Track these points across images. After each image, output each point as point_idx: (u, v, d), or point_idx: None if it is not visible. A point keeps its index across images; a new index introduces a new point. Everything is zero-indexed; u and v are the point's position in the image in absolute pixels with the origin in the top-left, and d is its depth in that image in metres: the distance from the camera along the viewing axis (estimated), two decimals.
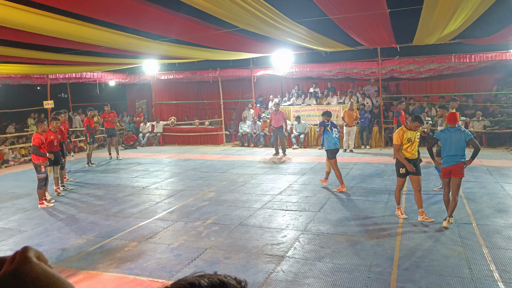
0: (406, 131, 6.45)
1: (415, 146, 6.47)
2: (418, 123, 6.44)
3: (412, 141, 6.42)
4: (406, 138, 6.40)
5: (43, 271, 0.67)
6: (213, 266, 4.94)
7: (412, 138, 6.42)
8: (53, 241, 6.05)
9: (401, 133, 6.45)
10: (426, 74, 15.18)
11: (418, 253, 5.13)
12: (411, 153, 6.44)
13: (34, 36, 8.03)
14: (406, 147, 6.42)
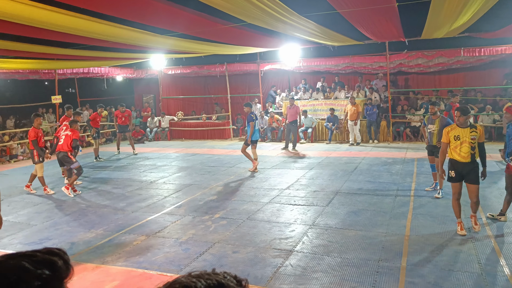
0: (454, 128, 5.69)
1: (466, 146, 5.54)
2: (463, 116, 5.61)
3: (461, 140, 5.58)
4: (453, 135, 5.64)
5: None
6: (221, 260, 4.96)
7: (461, 136, 5.57)
8: (62, 234, 6.10)
9: (448, 130, 5.76)
10: (434, 68, 15.04)
11: (427, 248, 5.10)
12: (460, 154, 5.58)
13: (41, 31, 8.06)
14: (454, 147, 5.66)
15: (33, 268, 0.76)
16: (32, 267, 0.76)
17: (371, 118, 14.49)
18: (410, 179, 8.78)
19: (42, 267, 0.77)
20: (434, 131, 7.38)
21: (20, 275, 0.75)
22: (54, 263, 0.80)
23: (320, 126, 15.77)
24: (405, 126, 14.75)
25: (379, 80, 16.07)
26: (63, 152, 8.49)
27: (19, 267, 0.76)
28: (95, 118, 12.87)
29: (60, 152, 8.52)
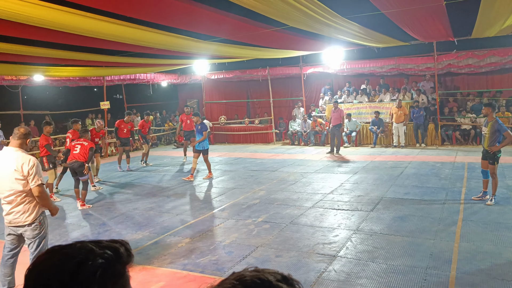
0: None
1: None
2: None
3: None
4: None
5: None
6: (264, 264, 4.95)
7: None
8: (111, 235, 6.30)
9: None
10: (486, 68, 14.38)
11: (479, 256, 4.87)
12: None
13: (91, 39, 8.40)
14: None
15: (97, 249, 0.85)
16: (96, 248, 0.85)
17: (418, 121, 14.06)
18: (460, 184, 8.43)
19: (105, 249, 0.86)
20: (486, 134, 7.03)
21: (86, 255, 0.83)
22: (117, 248, 0.88)
23: (365, 130, 15.48)
24: (455, 129, 14.20)
25: (427, 82, 15.57)
26: (79, 162, 8.10)
27: (85, 248, 0.85)
28: (143, 126, 12.85)
29: (77, 161, 8.10)
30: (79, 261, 0.81)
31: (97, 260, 0.82)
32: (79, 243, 0.88)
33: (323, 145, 15.43)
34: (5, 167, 4.08)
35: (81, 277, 0.80)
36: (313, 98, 18.51)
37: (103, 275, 0.82)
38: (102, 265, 0.82)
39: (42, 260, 0.85)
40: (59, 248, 0.86)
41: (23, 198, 4.13)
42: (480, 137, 13.64)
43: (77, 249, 0.85)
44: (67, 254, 0.84)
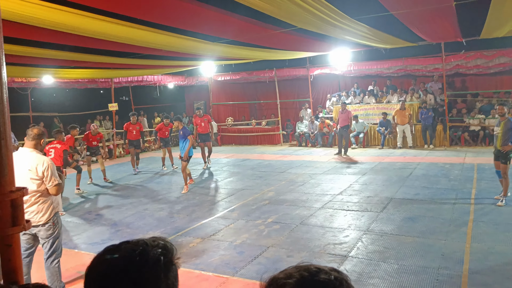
0: None
1: None
2: None
3: None
4: None
5: None
6: (276, 264, 4.97)
7: None
8: (123, 236, 6.35)
9: None
10: (495, 68, 14.29)
11: (491, 257, 4.86)
12: None
13: (100, 41, 8.48)
14: None
15: (151, 242, 0.95)
16: (150, 242, 0.95)
17: (427, 122, 14.02)
18: (470, 185, 8.40)
19: (158, 242, 0.96)
20: (498, 133, 6.98)
21: (144, 247, 0.92)
22: (165, 242, 0.97)
23: (372, 131, 15.46)
24: (463, 130, 14.14)
25: (435, 83, 15.52)
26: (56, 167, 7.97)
27: (141, 242, 0.94)
28: (161, 129, 12.51)
29: None
30: (142, 251, 0.91)
31: (156, 250, 0.92)
32: (127, 242, 0.96)
33: (331, 146, 15.42)
34: (20, 168, 4.14)
35: (149, 264, 0.90)
36: (320, 99, 18.51)
37: (164, 262, 0.92)
38: (161, 254, 0.92)
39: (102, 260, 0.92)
40: (117, 245, 0.95)
41: (38, 198, 4.17)
42: (489, 138, 13.61)
43: (134, 243, 0.94)
44: (128, 248, 0.92)
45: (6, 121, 1.33)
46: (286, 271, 0.88)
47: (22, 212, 1.37)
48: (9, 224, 1.30)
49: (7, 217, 1.30)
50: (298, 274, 0.85)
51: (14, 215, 1.32)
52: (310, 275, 0.84)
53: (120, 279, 0.87)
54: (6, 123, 1.33)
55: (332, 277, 0.85)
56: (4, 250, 1.28)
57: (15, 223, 1.32)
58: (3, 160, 1.29)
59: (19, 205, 1.35)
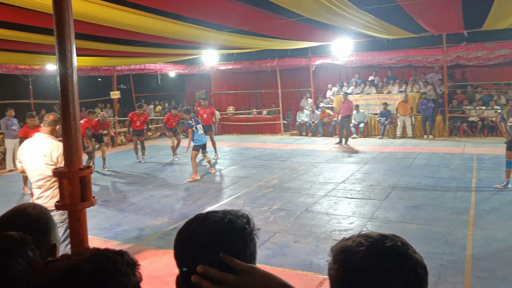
0: None
1: None
2: None
3: None
4: None
5: None
6: (284, 249, 5.09)
7: None
8: (131, 221, 6.46)
9: None
10: (495, 60, 14.36)
11: (494, 244, 5.00)
12: None
13: (104, 28, 8.48)
14: None
15: (235, 212, 1.02)
16: (235, 212, 1.03)
17: (427, 113, 14.14)
18: (470, 175, 8.53)
19: (241, 213, 1.03)
20: None
21: (231, 217, 0.99)
22: (246, 213, 1.05)
23: (373, 121, 15.57)
24: (462, 121, 14.27)
25: (435, 74, 15.60)
26: None
27: (227, 212, 1.01)
28: (169, 119, 12.60)
29: None
30: (230, 220, 0.98)
31: (241, 219, 1.00)
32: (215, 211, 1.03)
33: (331, 136, 15.53)
34: (36, 153, 4.22)
35: (237, 231, 0.97)
36: (321, 89, 18.56)
37: (249, 231, 1.00)
38: (246, 223, 1.00)
39: (196, 224, 1.00)
40: (204, 214, 1.02)
41: (52, 183, 4.25)
42: (487, 129, 13.75)
43: (222, 212, 1.01)
44: (216, 216, 0.99)
45: (76, 102, 1.42)
46: (353, 239, 0.95)
47: (90, 189, 1.46)
48: (78, 199, 1.39)
49: (77, 193, 1.39)
50: (367, 241, 0.92)
51: (83, 191, 1.41)
52: (378, 242, 0.92)
53: (210, 243, 0.95)
54: (76, 104, 1.41)
55: (399, 243, 0.94)
56: (74, 223, 1.38)
57: (84, 199, 1.41)
58: (73, 140, 1.38)
59: (87, 182, 1.44)
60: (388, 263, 0.89)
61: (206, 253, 0.94)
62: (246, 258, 0.97)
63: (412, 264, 0.91)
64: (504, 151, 7.43)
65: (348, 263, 0.91)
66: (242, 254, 0.97)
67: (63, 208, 1.54)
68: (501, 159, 9.56)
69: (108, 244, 5.57)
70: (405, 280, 0.88)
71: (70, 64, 1.49)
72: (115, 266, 0.83)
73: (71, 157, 1.40)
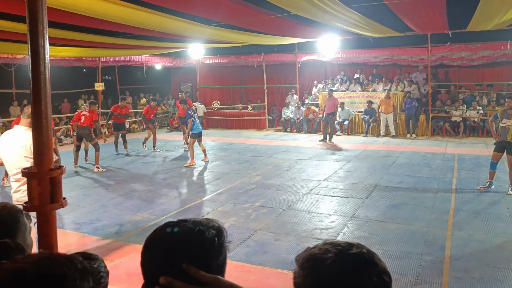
0: None
1: None
2: None
3: None
4: None
5: None
6: (264, 247, 5.09)
7: None
8: (111, 216, 6.38)
9: None
10: (478, 61, 14.57)
11: (471, 244, 5.07)
12: None
13: (89, 19, 8.33)
14: None
15: (206, 222, 1.01)
16: (206, 222, 1.01)
17: (410, 112, 14.27)
18: (451, 175, 8.64)
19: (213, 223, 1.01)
20: (509, 126, 7.07)
21: (201, 227, 0.98)
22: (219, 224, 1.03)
23: (357, 119, 15.66)
24: (445, 121, 14.44)
25: (419, 73, 15.76)
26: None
27: (198, 222, 0.99)
28: (148, 112, 12.66)
29: None
30: (199, 231, 0.96)
31: (211, 231, 0.98)
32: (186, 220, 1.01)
33: (316, 133, 15.58)
34: (14, 145, 4.13)
35: (205, 244, 0.96)
36: (306, 85, 18.61)
37: (218, 243, 0.98)
38: (215, 235, 0.98)
39: (164, 232, 0.98)
40: (175, 222, 1.00)
41: None
42: (469, 130, 13.95)
43: (192, 222, 0.99)
44: (186, 227, 0.97)
45: (48, 100, 1.36)
46: (319, 247, 0.96)
47: (60, 190, 1.41)
48: (48, 200, 1.35)
49: (46, 194, 1.35)
50: (335, 248, 0.93)
51: (53, 192, 1.36)
52: (346, 249, 0.93)
53: (179, 254, 0.93)
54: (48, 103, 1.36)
55: (364, 250, 0.94)
56: (42, 225, 1.33)
57: (54, 200, 1.36)
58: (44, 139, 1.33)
59: (57, 182, 1.39)
60: (357, 269, 0.90)
61: (172, 263, 0.93)
62: (213, 271, 0.96)
63: (379, 270, 0.92)
64: (486, 152, 7.54)
65: (317, 270, 0.91)
66: (209, 266, 0.96)
67: (31, 210, 1.49)
68: (481, 160, 9.75)
69: (87, 240, 5.50)
70: (374, 286, 0.89)
71: (42, 60, 1.43)
72: (62, 270, 0.82)
73: (41, 156, 1.36)
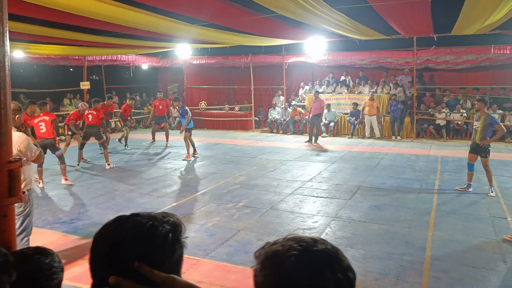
0: None
1: None
2: None
3: None
4: None
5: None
6: (246, 247, 5.06)
7: None
8: (93, 216, 6.30)
9: None
10: (462, 65, 14.76)
11: (451, 245, 5.11)
12: None
13: (75, 17, 8.24)
14: None
15: (161, 217, 0.94)
16: (159, 217, 0.94)
17: (395, 114, 14.38)
18: (433, 177, 8.73)
19: (168, 218, 0.95)
20: (478, 128, 7.25)
21: (153, 222, 0.91)
22: (174, 218, 0.97)
23: (343, 121, 15.73)
24: (429, 123, 14.60)
25: (405, 76, 15.91)
26: (49, 139, 8.01)
27: (151, 216, 0.93)
28: (125, 110, 12.99)
29: (47, 139, 7.98)
30: (151, 226, 0.90)
31: (165, 226, 0.92)
32: (137, 215, 0.95)
33: (302, 134, 15.62)
34: None
35: (157, 240, 0.90)
36: (293, 87, 18.66)
37: (172, 239, 0.92)
38: (169, 230, 0.92)
39: (114, 227, 0.92)
40: (127, 216, 0.95)
41: None
42: (453, 132, 14.13)
43: (145, 217, 0.93)
44: (138, 221, 0.92)
45: (7, 89, 1.32)
46: (282, 243, 0.90)
47: (19, 183, 1.37)
48: (5, 194, 1.30)
49: (4, 188, 1.30)
50: (299, 245, 0.88)
51: (11, 185, 1.32)
52: (310, 245, 0.88)
53: (126, 251, 0.87)
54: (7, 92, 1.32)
55: (329, 246, 0.90)
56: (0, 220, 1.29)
57: (12, 194, 1.32)
58: (2, 129, 1.29)
59: (16, 175, 1.35)
60: (322, 266, 0.86)
61: (122, 261, 0.87)
62: (167, 269, 0.90)
63: (343, 267, 0.88)
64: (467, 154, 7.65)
65: (280, 268, 0.86)
66: (162, 264, 0.90)
67: None
68: (464, 162, 9.80)
69: (67, 239, 5.42)
70: (338, 283, 0.86)
71: (2, 47, 1.38)
72: None
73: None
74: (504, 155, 11.03)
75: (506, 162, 10.07)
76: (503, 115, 13.55)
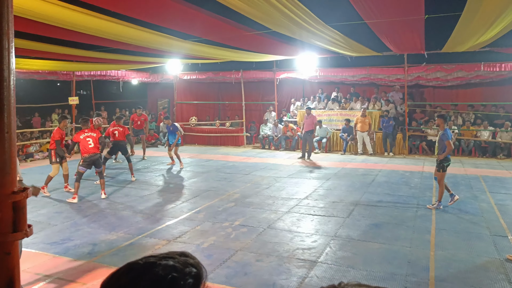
0: None
1: None
2: None
3: None
4: None
5: None
6: (245, 268, 4.90)
7: None
8: (84, 235, 6.07)
9: None
10: (453, 82, 14.90)
11: (454, 265, 5.00)
12: None
13: (64, 31, 8.09)
14: None
15: (181, 266, 0.82)
16: (181, 266, 0.82)
17: (387, 130, 14.40)
18: (429, 193, 8.67)
19: (191, 267, 0.83)
20: (436, 143, 7.63)
21: (174, 275, 0.79)
22: (198, 266, 0.85)
23: (335, 137, 15.70)
24: (421, 140, 14.63)
25: (396, 93, 15.98)
26: (98, 154, 8.55)
27: (170, 266, 0.81)
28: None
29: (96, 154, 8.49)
30: (172, 280, 0.78)
31: (187, 279, 0.80)
32: (157, 258, 0.83)
33: (294, 150, 15.54)
34: None
35: None
36: (284, 103, 18.64)
37: None
38: (193, 284, 0.81)
39: (127, 281, 0.80)
40: (141, 266, 0.82)
41: None
42: None
43: (163, 268, 0.80)
44: (156, 275, 0.79)
45: (12, 112, 1.18)
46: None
47: (25, 216, 1.21)
48: (9, 229, 1.14)
49: (8, 222, 1.14)
50: None
51: (16, 219, 1.16)
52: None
53: None
54: (12, 113, 1.17)
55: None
56: (2, 258, 1.12)
57: (17, 229, 1.16)
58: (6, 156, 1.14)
59: (21, 207, 1.19)
60: None
61: None
62: None
63: None
64: (463, 171, 7.69)
65: None
66: None
67: None
68: (458, 178, 9.86)
69: (58, 261, 5.19)
70: None
71: (7, 65, 1.25)
72: None
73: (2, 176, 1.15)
74: (498, 171, 11.04)
75: (500, 179, 10.07)
76: (494, 131, 13.64)
